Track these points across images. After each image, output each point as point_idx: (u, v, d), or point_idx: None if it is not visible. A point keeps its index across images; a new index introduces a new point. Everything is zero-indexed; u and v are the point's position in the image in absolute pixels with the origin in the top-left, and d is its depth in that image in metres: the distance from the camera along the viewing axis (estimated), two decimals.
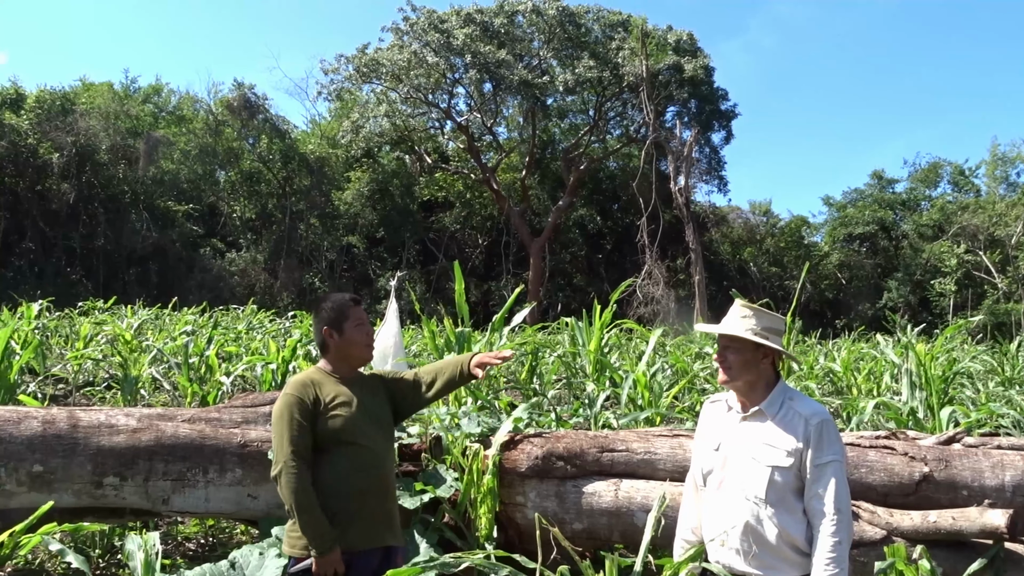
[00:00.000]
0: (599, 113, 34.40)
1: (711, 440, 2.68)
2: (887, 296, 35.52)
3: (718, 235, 38.32)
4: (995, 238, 34.09)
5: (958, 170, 40.64)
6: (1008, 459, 3.41)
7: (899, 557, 2.89)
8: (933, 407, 5.84)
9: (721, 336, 2.67)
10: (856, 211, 39.34)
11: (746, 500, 2.53)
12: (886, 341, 11.12)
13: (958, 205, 37.49)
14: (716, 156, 35.46)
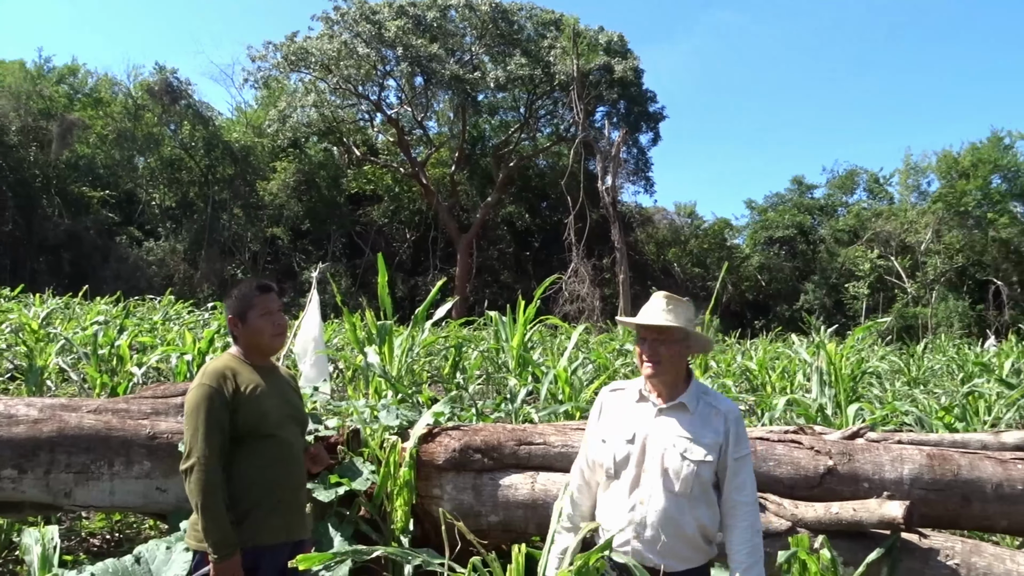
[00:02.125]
0: (530, 111, 34.54)
1: (623, 430, 2.63)
2: (804, 298, 36.61)
3: (643, 235, 38.93)
4: (906, 244, 35.51)
5: (873, 178, 42.23)
6: (907, 453, 3.54)
7: (802, 547, 2.98)
8: (841, 404, 6.06)
9: (651, 328, 2.61)
10: (777, 215, 40.48)
11: (666, 492, 2.53)
12: (800, 341, 11.48)
13: (872, 212, 38.93)
14: (643, 157, 36.04)
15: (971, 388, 7.59)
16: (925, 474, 3.46)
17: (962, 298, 33.04)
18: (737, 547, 2.55)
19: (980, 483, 3.42)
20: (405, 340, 6.49)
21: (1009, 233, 33.36)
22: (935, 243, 34.59)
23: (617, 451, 2.61)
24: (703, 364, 6.95)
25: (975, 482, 3.42)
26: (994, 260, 33.88)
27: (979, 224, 34.02)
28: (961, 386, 8.62)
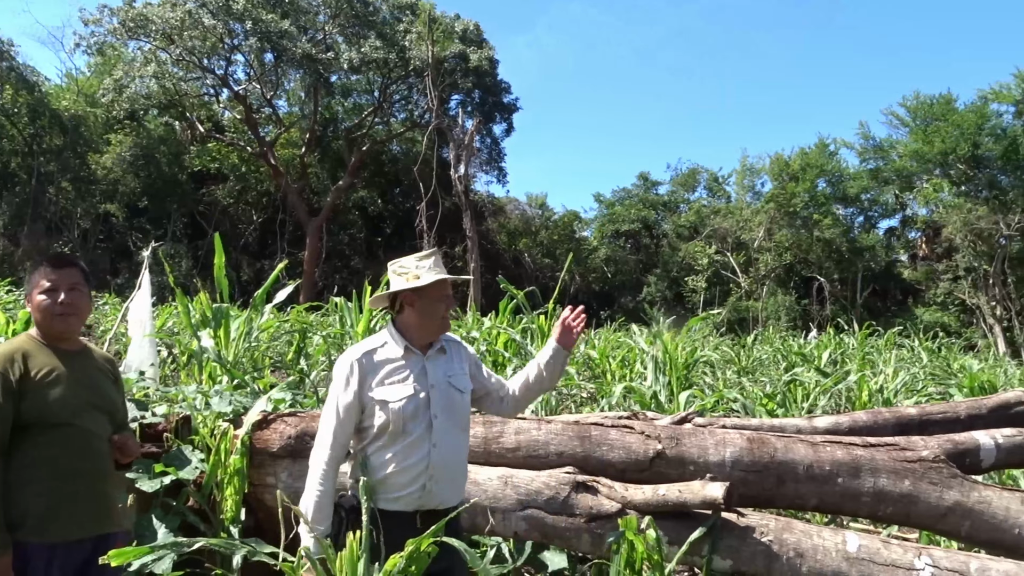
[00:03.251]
0: (384, 95, 34.02)
1: (404, 386, 2.73)
2: (647, 290, 38.07)
3: (495, 225, 39.28)
4: (741, 241, 37.57)
5: (713, 177, 44.39)
6: (729, 437, 3.73)
7: (630, 528, 3.08)
8: (675, 391, 6.33)
9: (450, 285, 2.91)
10: (623, 209, 41.87)
11: (453, 430, 2.79)
12: (641, 331, 11.90)
13: (711, 209, 40.94)
14: (497, 147, 36.32)
15: (792, 377, 8.12)
16: (745, 457, 3.66)
17: (789, 293, 35.36)
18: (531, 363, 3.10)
19: (793, 464, 3.65)
20: (243, 324, 6.24)
21: (832, 233, 35.92)
22: (767, 241, 36.78)
23: (404, 407, 2.70)
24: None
25: (789, 464, 3.65)
26: (818, 258, 36.40)
27: (806, 224, 36.44)
28: (784, 375, 9.20)
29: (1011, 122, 32.16)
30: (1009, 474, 5.70)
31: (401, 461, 2.69)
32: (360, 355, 2.79)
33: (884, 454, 3.70)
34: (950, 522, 3.65)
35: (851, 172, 37.69)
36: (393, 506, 2.69)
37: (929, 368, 11.76)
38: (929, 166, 33.74)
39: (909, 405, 5.72)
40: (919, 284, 35.69)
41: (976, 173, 32.95)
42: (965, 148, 31.73)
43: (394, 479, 2.69)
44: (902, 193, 36.63)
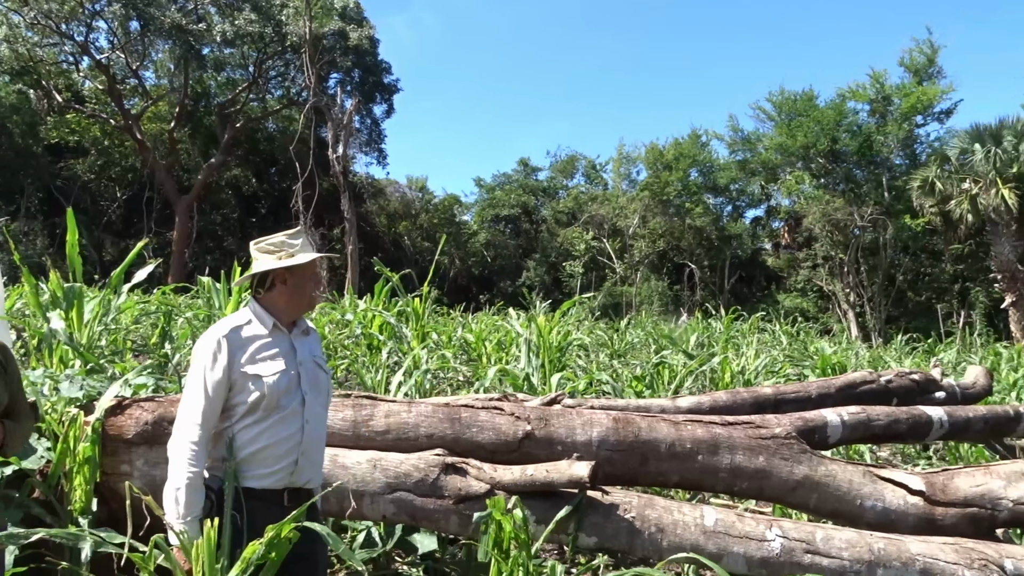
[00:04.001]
0: (259, 70, 32.87)
1: (276, 362, 2.71)
2: (526, 274, 38.48)
3: (375, 207, 38.75)
4: (617, 228, 38.48)
5: (591, 164, 45.24)
6: (596, 417, 3.82)
7: (498, 508, 3.10)
8: (547, 373, 6.43)
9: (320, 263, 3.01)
10: (503, 194, 42.13)
11: (321, 408, 2.83)
12: (518, 315, 12.02)
13: (589, 196, 41.74)
14: (377, 128, 35.79)
15: (660, 359, 8.39)
16: (611, 436, 3.75)
17: (662, 279, 36.50)
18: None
19: (657, 443, 3.77)
20: (98, 305, 5.91)
21: (703, 222, 37.26)
22: (641, 228, 37.83)
23: (277, 383, 2.67)
24: (420, 335, 7.05)
25: (652, 442, 3.77)
26: (689, 245, 37.70)
27: (678, 212, 37.66)
28: (654, 357, 9.50)
29: (866, 120, 34.20)
30: (855, 449, 6.09)
31: (273, 436, 2.65)
32: (227, 331, 2.72)
33: (741, 432, 3.88)
34: (800, 495, 3.86)
35: (721, 163, 39.14)
36: (262, 483, 2.64)
37: (788, 351, 12.41)
38: (792, 159, 35.45)
39: (767, 385, 6.01)
40: (781, 271, 37.53)
41: (834, 167, 34.87)
42: (824, 143, 33.51)
43: (266, 453, 2.64)
44: (767, 184, 38.36)
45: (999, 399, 8.56)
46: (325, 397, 2.88)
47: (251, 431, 2.66)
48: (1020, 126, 29.12)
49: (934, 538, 3.54)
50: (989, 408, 5.37)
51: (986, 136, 29.03)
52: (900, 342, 16.52)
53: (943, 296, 33.03)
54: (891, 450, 7.58)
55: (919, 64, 33.41)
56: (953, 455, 6.87)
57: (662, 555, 3.35)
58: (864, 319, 32.91)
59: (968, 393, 6.04)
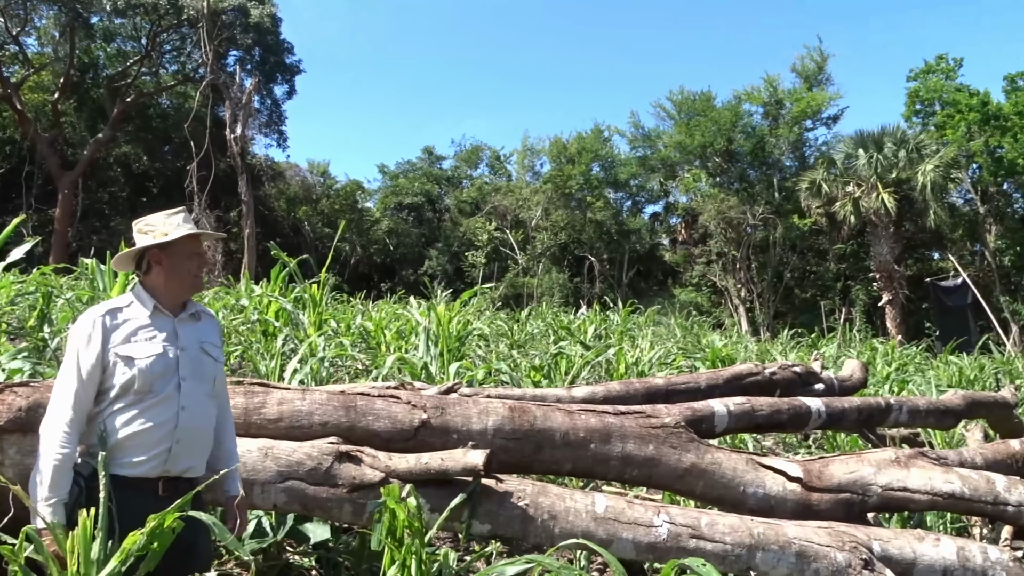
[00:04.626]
0: (153, 43, 31.45)
1: (152, 345, 2.64)
2: (428, 263, 38.30)
3: (274, 190, 37.79)
4: (520, 219, 38.72)
5: (495, 155, 45.38)
6: (492, 406, 3.85)
7: (392, 496, 3.09)
8: (446, 362, 6.44)
9: (203, 242, 2.88)
10: (407, 182, 41.78)
11: (203, 396, 2.72)
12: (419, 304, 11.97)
13: (493, 187, 41.86)
14: (278, 109, 34.83)
15: (559, 350, 8.52)
16: (506, 425, 3.79)
17: (563, 271, 36.95)
18: (231, 435, 2.96)
19: (551, 432, 3.84)
20: None
21: (603, 215, 37.89)
22: (544, 220, 38.18)
23: (151, 366, 2.60)
24: (317, 322, 6.94)
25: (547, 431, 3.83)
26: (590, 239, 38.26)
27: (580, 206, 38.19)
28: (552, 348, 9.63)
29: (760, 122, 35.50)
30: (740, 438, 6.34)
31: (145, 422, 2.57)
32: (103, 312, 2.65)
33: (632, 421, 3.98)
34: (687, 482, 4.00)
35: (622, 159, 39.90)
36: (135, 471, 2.56)
37: (681, 343, 12.78)
38: (690, 157, 36.46)
39: (659, 376, 6.18)
40: (678, 266, 38.55)
41: (729, 166, 36.06)
42: (721, 143, 34.61)
43: (137, 440, 2.56)
44: (666, 181, 39.33)
45: (873, 391, 9.05)
46: (210, 385, 2.78)
47: (123, 416, 2.58)
48: (900, 134, 30.80)
49: (809, 522, 3.73)
50: (863, 399, 5.68)
51: (869, 142, 30.58)
52: (786, 336, 17.25)
53: (827, 293, 34.63)
54: (774, 439, 7.92)
55: (810, 71, 34.88)
56: (830, 444, 7.23)
57: (554, 541, 3.41)
58: (754, 314, 34.17)
59: (845, 385, 6.37)
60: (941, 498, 4.10)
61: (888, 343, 16.67)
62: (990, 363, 14.37)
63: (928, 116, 34.20)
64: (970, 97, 32.14)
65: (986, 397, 6.53)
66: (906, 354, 15.40)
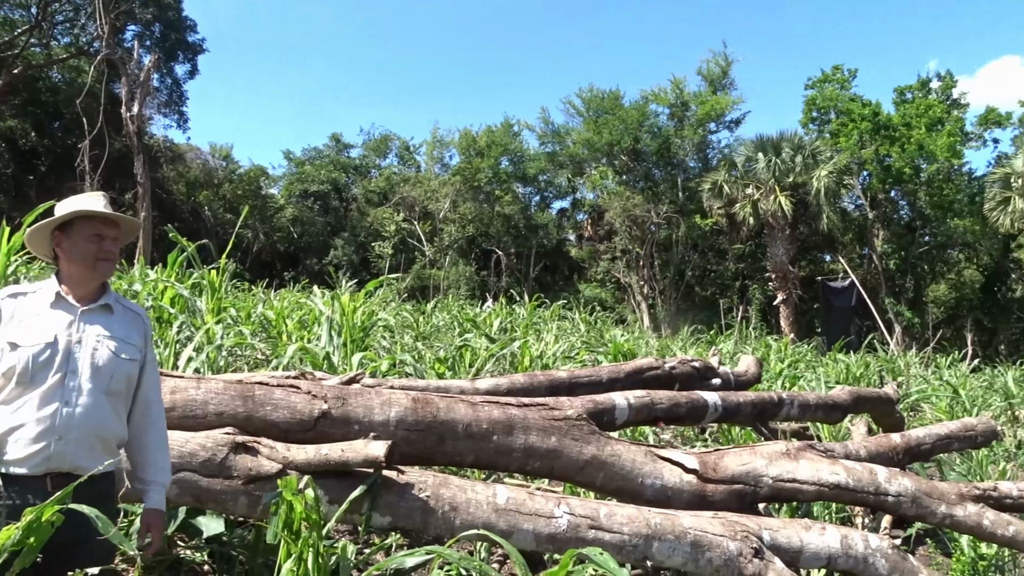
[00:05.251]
0: (44, 13, 29.84)
1: (42, 333, 2.49)
2: (334, 253, 37.68)
3: (173, 173, 36.43)
4: (428, 211, 38.51)
5: (404, 145, 44.97)
6: (395, 397, 3.81)
7: (289, 488, 3.02)
8: (349, 352, 6.34)
9: (113, 224, 2.63)
10: (313, 169, 40.96)
11: (97, 392, 2.52)
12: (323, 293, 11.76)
13: (401, 177, 41.46)
14: (178, 89, 33.63)
15: (464, 342, 8.50)
16: (409, 416, 3.76)
17: (470, 264, 36.95)
18: (157, 444, 2.76)
19: (454, 423, 3.82)
20: None
21: (511, 209, 38.06)
22: (452, 212, 38.08)
23: (36, 354, 2.46)
24: (216, 310, 6.73)
25: (450, 423, 3.81)
26: (497, 232, 38.38)
27: (488, 199, 38.26)
28: (457, 340, 9.61)
29: (666, 123, 36.30)
30: (640, 430, 6.47)
31: (24, 415, 2.41)
32: (4, 296, 2.53)
33: (535, 413, 4.00)
34: (588, 474, 4.05)
35: (531, 153, 40.16)
36: (19, 468, 2.40)
37: (585, 338, 12.96)
38: (597, 155, 36.99)
39: (563, 369, 6.24)
40: (584, 262, 39.09)
41: (635, 165, 36.75)
42: (628, 142, 35.23)
43: (17, 435, 2.40)
44: (574, 177, 39.81)
45: (767, 386, 9.38)
46: (107, 382, 2.56)
47: (5, 408, 2.43)
48: (797, 140, 32.03)
49: (704, 513, 3.83)
50: (757, 394, 5.87)
51: (768, 147, 31.70)
52: (686, 333, 17.72)
53: (725, 292, 35.76)
54: (673, 432, 8.12)
55: (714, 75, 35.86)
56: (726, 437, 7.45)
57: (455, 533, 3.40)
58: (656, 310, 34.96)
59: (741, 380, 6.58)
60: (827, 489, 4.28)
61: (781, 340, 17.33)
62: (875, 361, 15.11)
63: (824, 123, 35.66)
64: (863, 107, 33.68)
65: (870, 393, 6.85)
66: (798, 351, 16.04)
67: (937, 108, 33.45)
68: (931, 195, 34.03)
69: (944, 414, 9.73)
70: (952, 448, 5.87)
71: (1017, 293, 36.97)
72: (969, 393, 11.35)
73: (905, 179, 33.35)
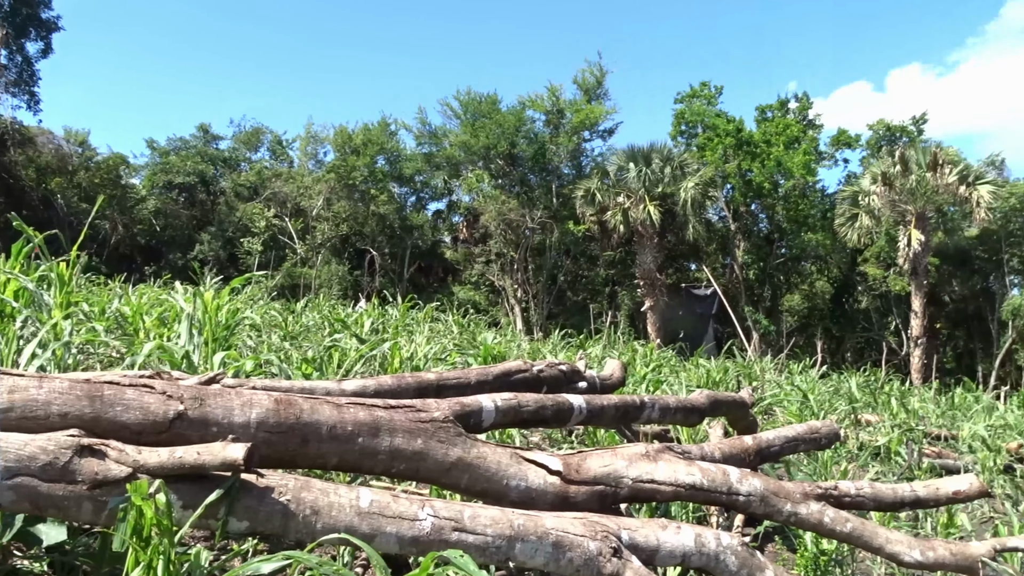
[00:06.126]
0: None
1: None
2: (200, 248, 36.32)
3: (22, 157, 34.07)
4: (301, 208, 37.66)
5: (277, 139, 43.84)
6: (257, 398, 3.69)
7: (139, 492, 2.88)
8: (210, 351, 6.11)
9: None
10: (179, 160, 39.30)
11: None
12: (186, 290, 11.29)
13: (273, 172, 40.39)
14: (30, 68, 31.56)
15: (333, 342, 8.36)
16: (271, 417, 3.65)
17: (343, 263, 36.37)
18: None
19: (318, 425, 3.74)
20: None
21: (387, 209, 37.73)
22: (325, 210, 37.38)
23: None
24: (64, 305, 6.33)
25: (314, 424, 3.73)
26: (372, 232, 37.95)
27: (363, 198, 37.78)
28: (326, 340, 9.43)
29: (541, 129, 36.91)
30: (507, 433, 6.53)
31: None
32: None
33: (402, 415, 3.97)
34: (453, 476, 4.05)
35: (408, 153, 39.93)
36: None
37: (458, 340, 12.98)
38: (474, 158, 37.19)
39: (432, 371, 6.23)
40: (458, 264, 39.18)
41: (511, 170, 37.16)
42: (504, 146, 35.60)
43: None
44: (450, 179, 39.86)
45: (631, 389, 9.67)
46: None
47: None
48: (667, 152, 33.26)
49: (566, 513, 3.91)
50: (621, 397, 6.04)
51: (639, 157, 32.77)
52: (557, 336, 18.02)
53: (596, 297, 36.66)
54: (541, 435, 8.24)
55: (590, 84, 36.74)
56: (591, 439, 7.63)
57: (315, 537, 3.33)
58: (529, 314, 35.43)
59: (606, 384, 6.74)
60: (684, 489, 4.45)
61: (648, 345, 17.89)
62: (733, 366, 15.83)
63: (692, 137, 37.19)
64: (727, 123, 35.33)
65: (727, 397, 7.16)
66: (663, 356, 16.61)
67: (794, 127, 35.50)
68: (788, 209, 36.06)
69: (794, 417, 10.29)
70: (799, 449, 6.21)
71: (862, 304, 39.70)
72: (817, 397, 12.06)
73: (765, 193, 35.21)
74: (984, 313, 39.43)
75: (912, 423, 10.77)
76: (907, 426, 10.36)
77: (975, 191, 30.14)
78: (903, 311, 35.69)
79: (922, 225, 31.17)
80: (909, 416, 11.46)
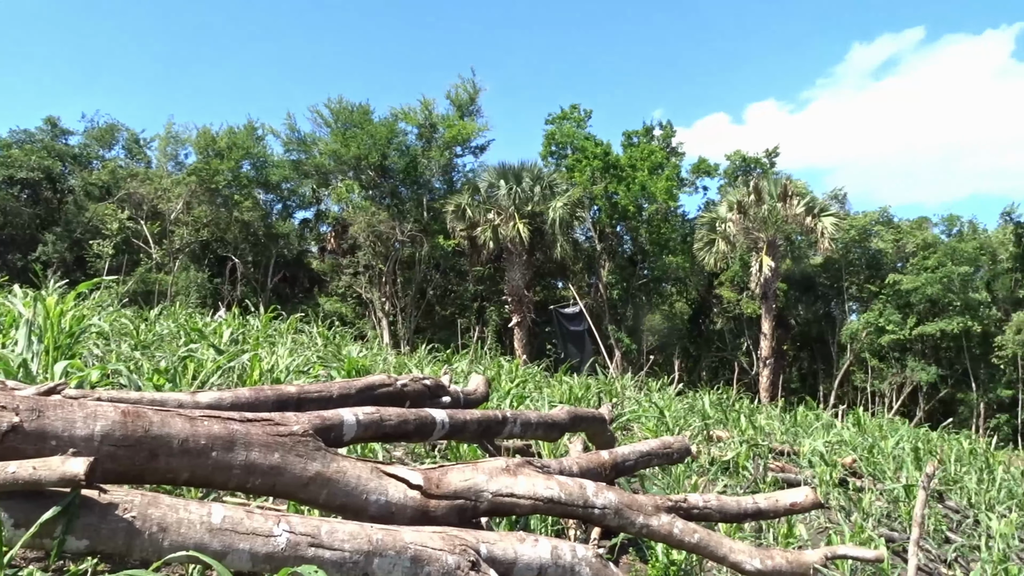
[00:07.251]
0: None
1: None
2: (43, 249, 34.11)
3: None
4: (158, 210, 35.98)
5: (133, 138, 41.78)
6: (102, 410, 3.51)
7: None
8: (51, 360, 5.76)
9: None
10: (22, 154, 36.75)
11: None
12: (25, 293, 10.56)
13: (128, 172, 38.44)
14: None
15: (188, 352, 8.03)
16: (118, 430, 3.48)
17: (203, 270, 34.99)
18: None
19: (168, 438, 3.59)
20: None
21: (251, 216, 36.62)
22: (185, 214, 35.87)
23: None
24: None
25: (164, 437, 3.58)
26: (235, 239, 36.73)
27: (226, 203, 36.52)
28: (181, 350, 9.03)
29: (414, 142, 36.84)
30: (370, 447, 6.46)
31: None
32: None
33: (259, 428, 3.87)
34: (311, 491, 3.98)
35: (275, 160, 38.92)
36: None
37: (322, 352, 12.72)
38: (344, 167, 36.65)
39: (292, 384, 6.09)
40: (325, 275, 38.43)
41: (382, 181, 36.86)
42: (375, 157, 35.28)
43: None
44: (319, 188, 39.12)
45: (495, 405, 9.75)
46: None
47: None
48: (537, 171, 33.91)
49: (425, 528, 3.91)
50: (483, 412, 6.09)
51: (510, 175, 33.26)
52: (424, 351, 17.95)
53: (464, 312, 36.80)
54: (404, 449, 8.19)
55: (463, 100, 37.00)
56: (454, 453, 7.64)
57: (162, 555, 3.20)
58: (396, 327, 35.15)
59: (470, 399, 6.79)
60: (542, 503, 4.54)
61: (514, 361, 18.09)
62: (595, 383, 16.23)
63: (561, 158, 38.06)
64: (595, 146, 36.39)
65: (587, 413, 7.35)
66: (528, 372, 16.83)
67: (658, 154, 36.96)
68: (650, 232, 37.44)
69: (651, 433, 10.65)
70: (653, 464, 6.44)
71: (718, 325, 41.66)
72: (673, 414, 12.51)
73: (629, 216, 36.43)
74: (826, 336, 42.24)
75: (759, 439, 11.35)
76: (754, 442, 10.92)
77: (820, 222, 32.28)
78: (754, 333, 37.73)
79: (772, 252, 33.07)
80: (756, 432, 12.06)
